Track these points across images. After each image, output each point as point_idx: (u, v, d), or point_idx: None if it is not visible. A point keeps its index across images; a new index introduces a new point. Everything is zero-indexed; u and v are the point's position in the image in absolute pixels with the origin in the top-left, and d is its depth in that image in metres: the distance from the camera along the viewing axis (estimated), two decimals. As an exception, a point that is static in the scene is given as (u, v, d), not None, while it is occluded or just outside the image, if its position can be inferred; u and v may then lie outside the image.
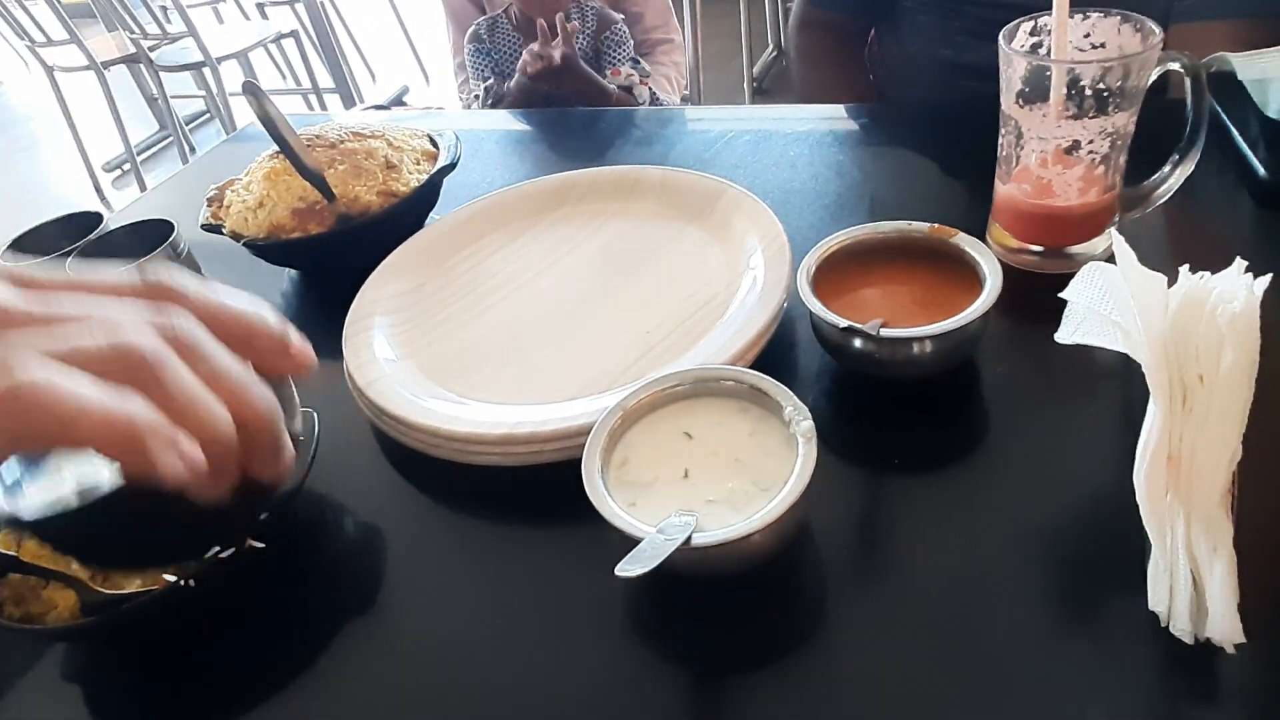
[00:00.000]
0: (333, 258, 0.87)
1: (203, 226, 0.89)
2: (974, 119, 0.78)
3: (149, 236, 0.77)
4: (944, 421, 0.62)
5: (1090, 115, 0.63)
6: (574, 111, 1.34)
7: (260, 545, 0.55)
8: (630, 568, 0.43)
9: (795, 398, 0.54)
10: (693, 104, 2.11)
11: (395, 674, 0.52)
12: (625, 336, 0.69)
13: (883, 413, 0.63)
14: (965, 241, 0.64)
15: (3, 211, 3.87)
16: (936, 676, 0.47)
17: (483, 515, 0.62)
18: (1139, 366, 0.49)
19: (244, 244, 0.85)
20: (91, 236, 0.78)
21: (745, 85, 3.65)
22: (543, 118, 1.27)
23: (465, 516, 0.62)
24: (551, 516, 0.60)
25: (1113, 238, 0.53)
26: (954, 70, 1.15)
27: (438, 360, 0.71)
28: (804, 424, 0.52)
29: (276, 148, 0.87)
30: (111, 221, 0.83)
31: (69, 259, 0.74)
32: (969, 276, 0.63)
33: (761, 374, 0.56)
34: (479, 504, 0.62)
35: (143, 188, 3.62)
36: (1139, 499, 0.45)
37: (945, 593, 0.51)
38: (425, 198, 0.90)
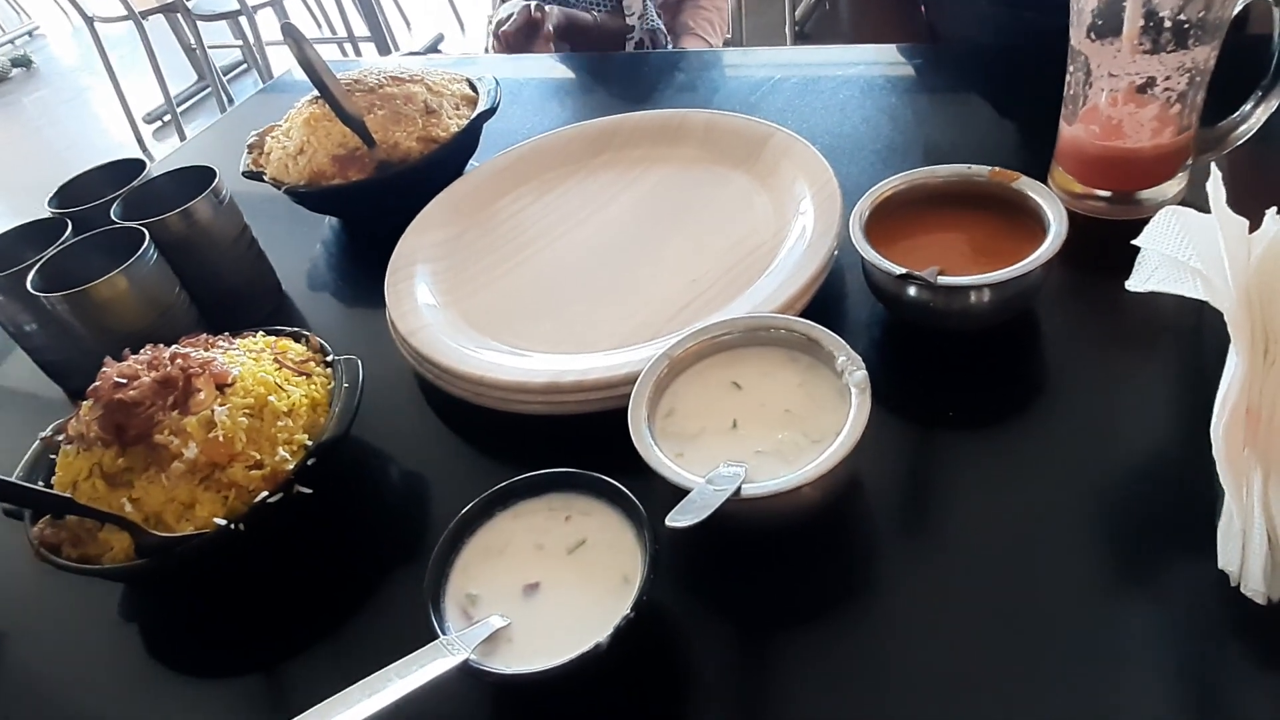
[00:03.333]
0: (373, 204, 0.86)
1: (244, 174, 0.89)
2: (1034, 56, 0.74)
3: (191, 183, 0.77)
4: (1001, 374, 0.60)
5: (1168, 50, 0.59)
6: (615, 56, 1.31)
7: (307, 490, 0.55)
8: (680, 518, 0.42)
9: (848, 347, 0.52)
10: (734, 46, 2.05)
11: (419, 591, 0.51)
12: (670, 285, 0.68)
13: (937, 364, 0.61)
14: (1028, 186, 0.61)
15: (49, 162, 3.93)
16: (989, 636, 0.45)
17: (526, 464, 0.61)
18: (1210, 317, 0.47)
19: (285, 191, 0.85)
20: (134, 183, 0.78)
21: (787, 29, 3.54)
22: (583, 62, 1.24)
23: (508, 465, 0.61)
24: (595, 466, 0.59)
25: (1212, 173, 0.50)
26: (1013, 3, 1.09)
27: (480, 309, 0.70)
28: (857, 374, 0.50)
29: (315, 94, 0.86)
30: (154, 170, 0.82)
31: (113, 206, 0.74)
32: (1030, 223, 0.60)
33: (813, 323, 0.54)
34: (522, 452, 0.61)
35: (183, 138, 3.64)
36: (1215, 452, 0.43)
37: (1000, 550, 0.49)
38: (465, 143, 0.88)
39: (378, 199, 0.85)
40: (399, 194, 0.84)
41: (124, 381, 0.55)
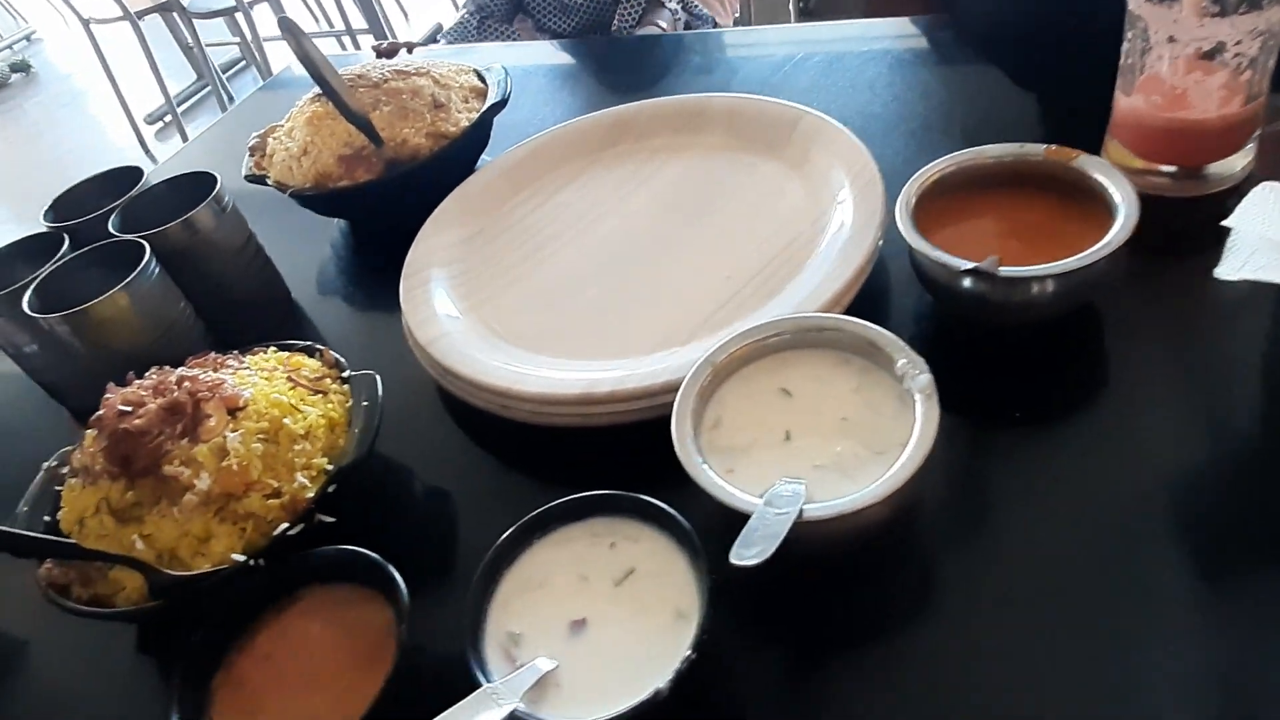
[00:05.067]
0: (383, 206, 0.82)
1: (246, 178, 0.85)
2: (1067, 25, 0.69)
3: (192, 190, 0.73)
4: (1066, 370, 0.56)
5: (1240, 11, 0.55)
6: (626, 39, 1.26)
7: (329, 519, 0.51)
8: (746, 554, 0.38)
9: (909, 349, 0.48)
10: (743, 25, 1.99)
11: (449, 631, 0.47)
12: (702, 284, 0.64)
13: (995, 361, 0.57)
14: (1089, 164, 0.57)
15: (48, 169, 3.90)
16: (1063, 649, 0.42)
17: (559, 480, 0.57)
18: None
19: (290, 195, 0.81)
20: (132, 193, 0.74)
21: (791, 5, 3.47)
22: (593, 48, 1.19)
23: (541, 482, 0.58)
24: (632, 481, 0.55)
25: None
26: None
27: (501, 314, 0.67)
28: (921, 378, 0.46)
29: (317, 91, 0.82)
30: (152, 176, 0.79)
31: (111, 217, 0.71)
32: (1092, 205, 0.56)
33: (868, 322, 0.50)
34: (554, 468, 0.58)
35: (185, 138, 3.60)
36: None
37: (1072, 558, 0.45)
38: (476, 138, 0.84)
39: (387, 200, 0.81)
40: (409, 193, 0.80)
41: (129, 409, 0.51)
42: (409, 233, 0.75)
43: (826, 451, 0.47)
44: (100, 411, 0.52)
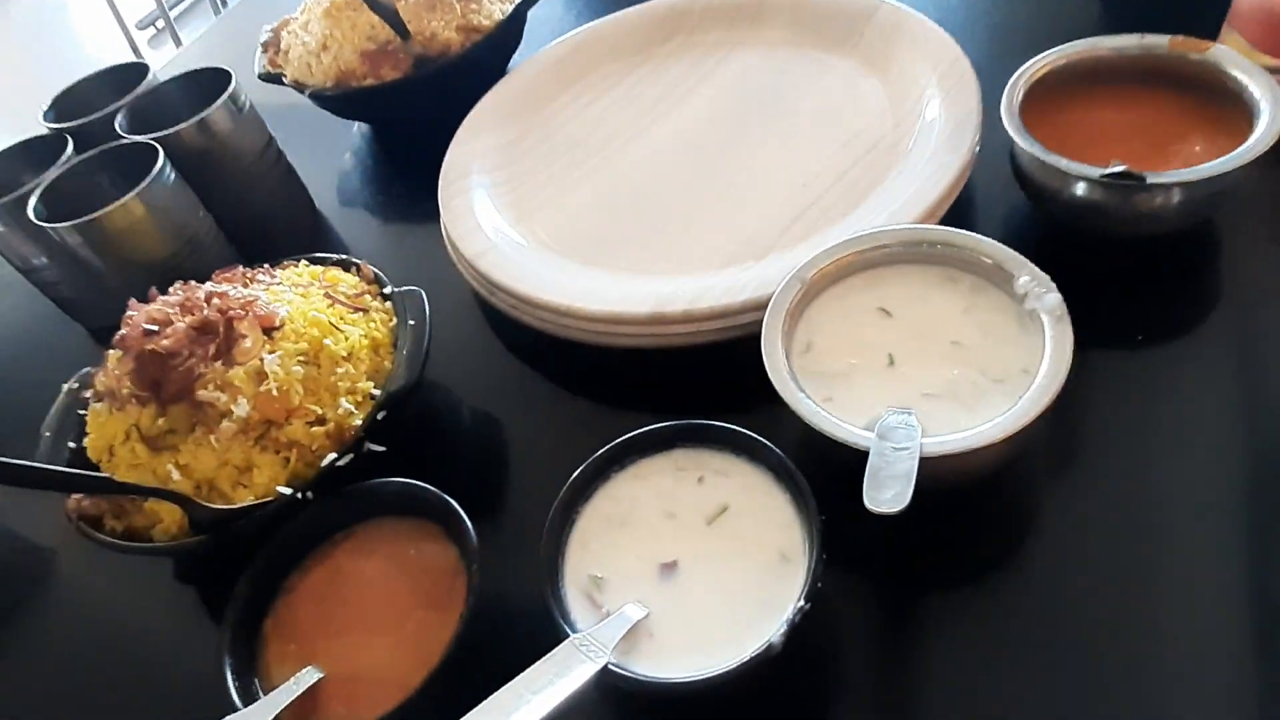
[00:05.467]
0: (411, 106, 0.75)
1: (260, 76, 0.78)
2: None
3: (203, 89, 0.66)
4: (1188, 288, 0.50)
5: None
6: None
7: (379, 449, 0.47)
8: (879, 497, 0.34)
9: (1032, 265, 0.43)
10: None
11: (520, 573, 0.43)
12: (775, 192, 0.58)
13: (1109, 276, 0.51)
14: (1223, 58, 0.50)
15: (40, 78, 3.75)
16: (1184, 593, 0.38)
17: (625, 404, 0.53)
18: None
19: (309, 95, 0.74)
20: (139, 90, 0.67)
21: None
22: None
23: (606, 407, 0.54)
24: (707, 407, 0.51)
25: None
26: None
27: (553, 225, 0.61)
28: (1049, 298, 0.41)
29: (335, -23, 0.74)
30: (159, 75, 0.72)
31: (117, 117, 0.64)
32: (1223, 103, 0.50)
33: (983, 236, 0.45)
34: (620, 392, 0.53)
35: (179, 45, 3.44)
36: None
37: (1207, 491, 0.41)
38: (510, 34, 0.76)
39: (416, 100, 0.74)
40: (439, 93, 0.73)
41: (155, 329, 0.46)
42: (439, 137, 0.68)
43: (938, 378, 0.42)
44: (123, 331, 0.47)
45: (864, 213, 0.54)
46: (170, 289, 0.50)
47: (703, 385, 0.51)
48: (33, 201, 0.58)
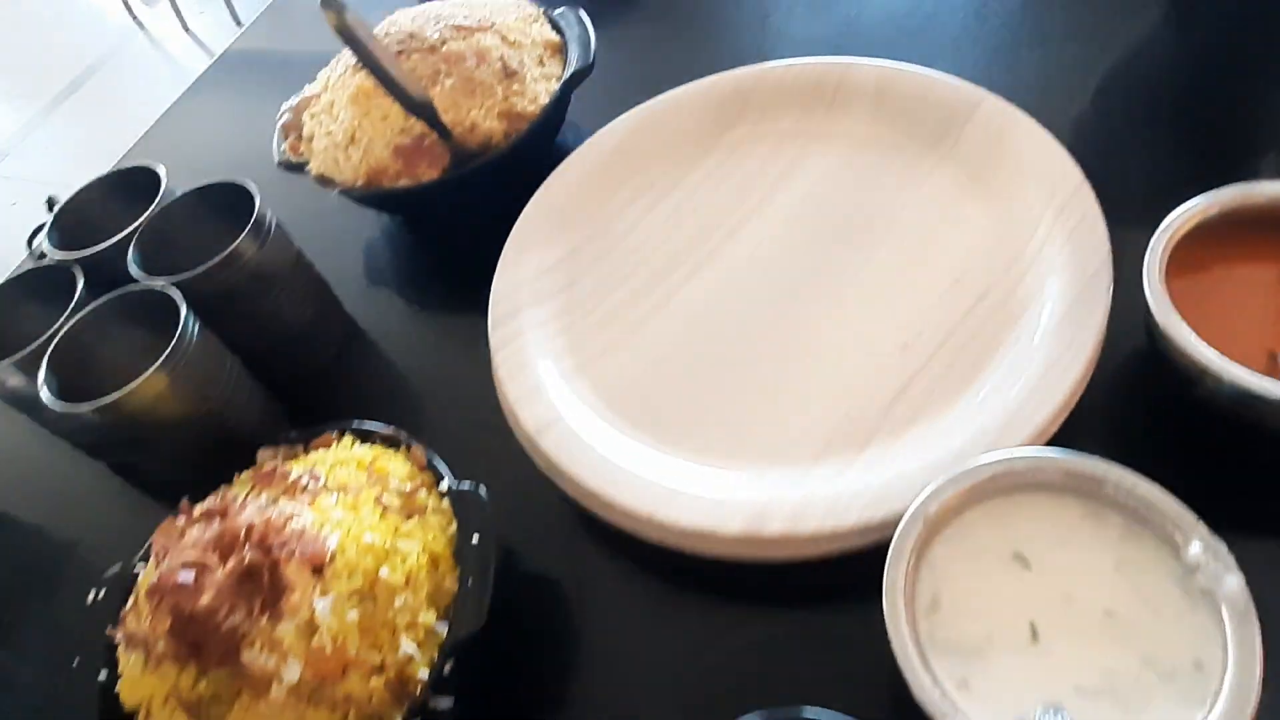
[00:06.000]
0: (449, 206, 0.68)
1: (281, 165, 0.71)
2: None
3: (222, 202, 0.60)
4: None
5: None
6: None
7: (446, 702, 0.42)
8: None
9: (1204, 528, 0.37)
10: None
11: None
12: (872, 354, 0.51)
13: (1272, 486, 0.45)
14: None
15: (27, 26, 3.64)
16: None
17: (726, 619, 0.47)
18: None
19: (339, 194, 0.67)
20: (153, 209, 0.60)
21: None
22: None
23: (692, 598, 0.48)
24: (820, 626, 0.45)
25: None
26: None
27: (618, 382, 0.54)
28: (1229, 582, 0.35)
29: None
30: (171, 178, 0.65)
31: (130, 251, 0.57)
32: None
33: (1138, 475, 0.38)
34: (717, 602, 0.47)
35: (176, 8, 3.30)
36: None
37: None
38: (556, 115, 0.69)
39: (456, 200, 0.67)
40: (483, 190, 0.66)
41: (189, 577, 0.41)
42: (478, 235, 0.63)
43: (1092, 664, 0.36)
44: (154, 578, 0.42)
45: (978, 396, 0.47)
46: (204, 507, 0.45)
47: (817, 596, 0.46)
48: (43, 369, 0.52)
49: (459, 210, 0.68)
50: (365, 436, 0.52)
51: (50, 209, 0.90)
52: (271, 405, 0.60)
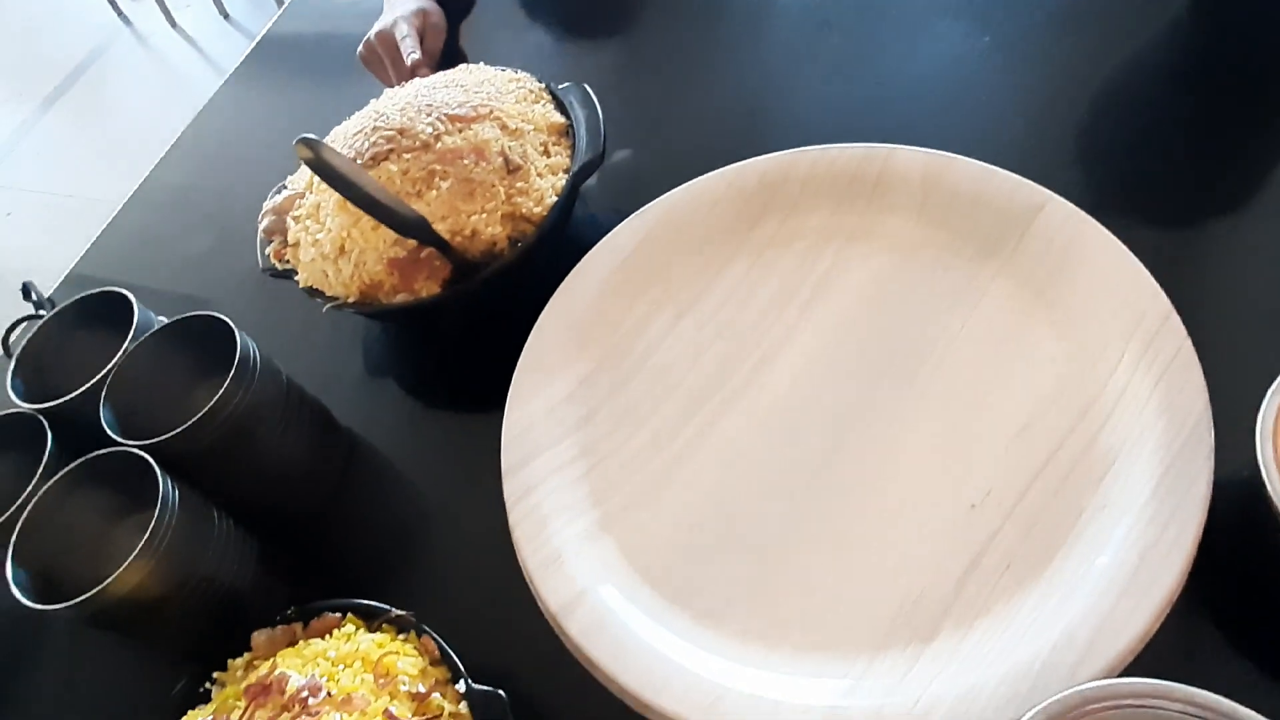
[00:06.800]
0: (450, 321, 0.62)
1: (266, 272, 0.65)
2: None
3: (200, 334, 0.54)
4: None
5: None
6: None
7: None
8: None
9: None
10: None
11: None
12: (936, 515, 0.46)
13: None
14: None
15: (10, 27, 3.55)
16: None
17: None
18: None
19: (328, 310, 0.61)
20: (124, 351, 0.54)
21: None
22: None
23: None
24: None
25: None
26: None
27: (646, 541, 0.49)
28: None
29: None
30: (144, 297, 0.59)
31: (101, 407, 0.52)
32: None
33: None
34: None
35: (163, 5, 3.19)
36: None
37: None
38: (563, 214, 0.62)
39: (459, 315, 0.61)
40: (487, 304, 0.60)
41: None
42: (480, 343, 0.58)
43: None
44: None
45: (1062, 580, 0.42)
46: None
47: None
48: (9, 567, 0.46)
49: (463, 324, 0.63)
50: (369, 615, 0.47)
51: (26, 297, 0.85)
52: (267, 558, 0.55)
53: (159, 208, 0.89)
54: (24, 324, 0.77)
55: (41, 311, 0.79)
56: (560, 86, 0.67)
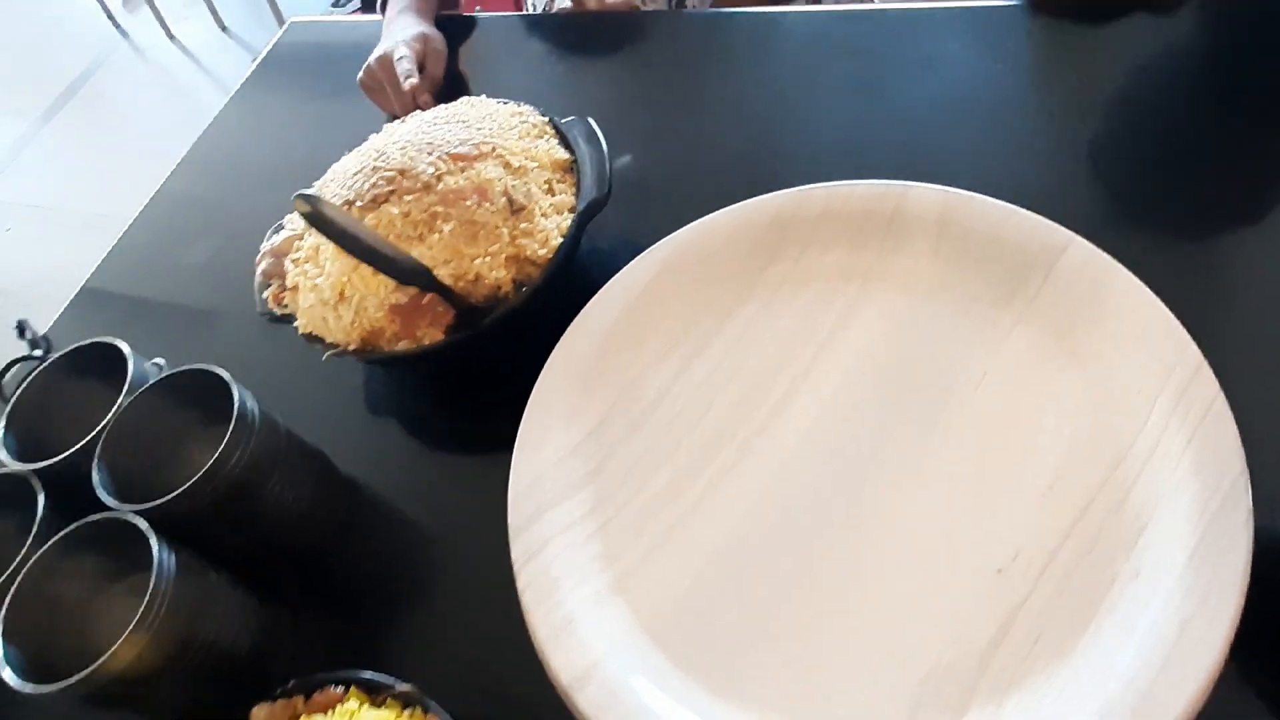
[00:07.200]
0: (454, 367, 0.61)
1: (264, 316, 0.63)
2: None
3: (195, 388, 0.53)
4: None
5: None
6: (693, 15, 0.94)
7: None
8: None
9: None
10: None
11: None
12: (961, 577, 0.44)
13: None
14: None
15: (7, 39, 3.54)
16: None
17: None
18: None
19: (329, 357, 0.59)
20: (121, 402, 0.53)
21: None
22: (659, 23, 0.89)
23: None
24: None
25: None
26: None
27: (659, 603, 0.47)
28: None
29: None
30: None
31: (94, 468, 0.50)
32: None
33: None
34: None
35: (154, 8, 3.18)
36: None
37: None
38: (569, 255, 0.60)
39: (462, 362, 0.59)
40: (492, 349, 0.58)
41: None
42: (486, 382, 0.56)
43: None
44: None
45: (1097, 652, 0.40)
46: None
47: None
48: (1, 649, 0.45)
49: (467, 369, 0.61)
50: (373, 690, 0.46)
51: (21, 334, 0.84)
52: (265, 618, 0.53)
53: (165, 231, 0.87)
54: (18, 365, 0.76)
55: (36, 351, 0.78)
56: (564, 120, 0.65)
